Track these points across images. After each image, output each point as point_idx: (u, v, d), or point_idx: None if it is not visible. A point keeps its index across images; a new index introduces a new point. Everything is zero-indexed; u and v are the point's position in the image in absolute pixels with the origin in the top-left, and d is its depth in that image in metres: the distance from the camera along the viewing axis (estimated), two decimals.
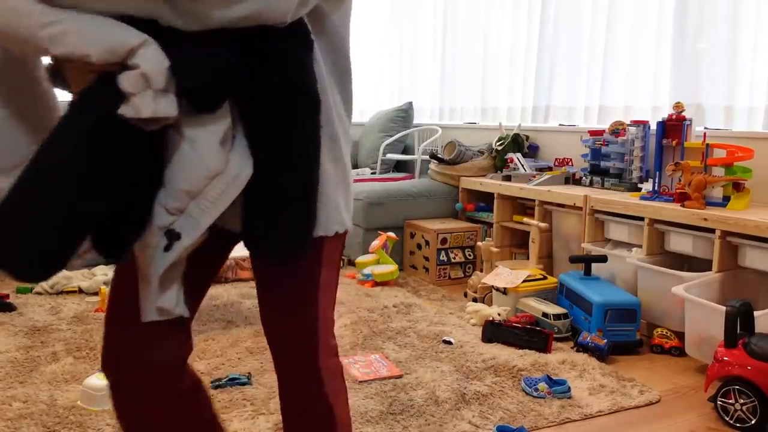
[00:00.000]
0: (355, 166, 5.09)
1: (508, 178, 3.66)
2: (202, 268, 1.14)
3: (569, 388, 2.18)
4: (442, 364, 2.43)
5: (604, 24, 3.54)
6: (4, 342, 2.60)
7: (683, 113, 2.93)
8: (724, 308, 2.10)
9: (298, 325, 1.11)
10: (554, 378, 2.23)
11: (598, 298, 2.63)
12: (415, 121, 5.05)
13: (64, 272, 3.39)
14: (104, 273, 3.48)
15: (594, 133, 3.44)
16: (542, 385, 2.17)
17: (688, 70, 3.15)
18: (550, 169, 3.78)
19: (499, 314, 2.83)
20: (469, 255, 3.79)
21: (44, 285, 3.28)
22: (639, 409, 2.12)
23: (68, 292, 3.30)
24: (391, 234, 3.69)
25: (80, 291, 3.32)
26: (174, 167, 0.93)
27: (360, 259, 3.71)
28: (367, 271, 3.56)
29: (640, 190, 3.11)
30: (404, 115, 4.89)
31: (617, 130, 3.29)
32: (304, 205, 1.00)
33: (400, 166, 4.97)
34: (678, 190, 2.76)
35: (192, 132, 0.93)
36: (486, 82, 4.47)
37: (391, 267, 3.57)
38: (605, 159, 3.34)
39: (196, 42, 0.91)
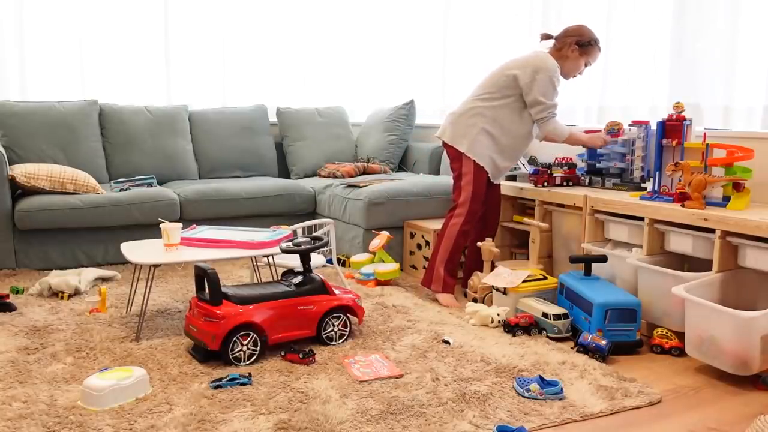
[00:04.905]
0: None
1: (509, 178, 3.66)
2: None
3: (562, 389, 2.16)
4: (442, 364, 2.43)
5: (604, 24, 3.54)
6: (4, 342, 2.60)
7: (683, 113, 2.93)
8: (724, 308, 2.10)
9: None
10: (547, 379, 2.22)
11: (598, 298, 2.63)
12: (417, 120, 5.05)
13: (64, 272, 3.39)
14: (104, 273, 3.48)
15: (591, 132, 3.43)
16: (534, 386, 2.16)
17: (686, 70, 3.15)
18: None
19: (498, 314, 2.83)
20: None
21: (42, 286, 3.28)
22: (639, 410, 2.12)
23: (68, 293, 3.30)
24: (386, 233, 3.69)
25: (79, 292, 3.32)
26: None
27: (354, 258, 3.71)
28: (368, 270, 3.56)
29: (644, 189, 3.10)
30: (406, 114, 4.89)
31: (613, 129, 3.28)
32: None
33: (401, 167, 4.97)
34: (678, 190, 2.76)
35: None
36: None
37: (393, 266, 3.56)
38: (603, 159, 3.34)
39: None
